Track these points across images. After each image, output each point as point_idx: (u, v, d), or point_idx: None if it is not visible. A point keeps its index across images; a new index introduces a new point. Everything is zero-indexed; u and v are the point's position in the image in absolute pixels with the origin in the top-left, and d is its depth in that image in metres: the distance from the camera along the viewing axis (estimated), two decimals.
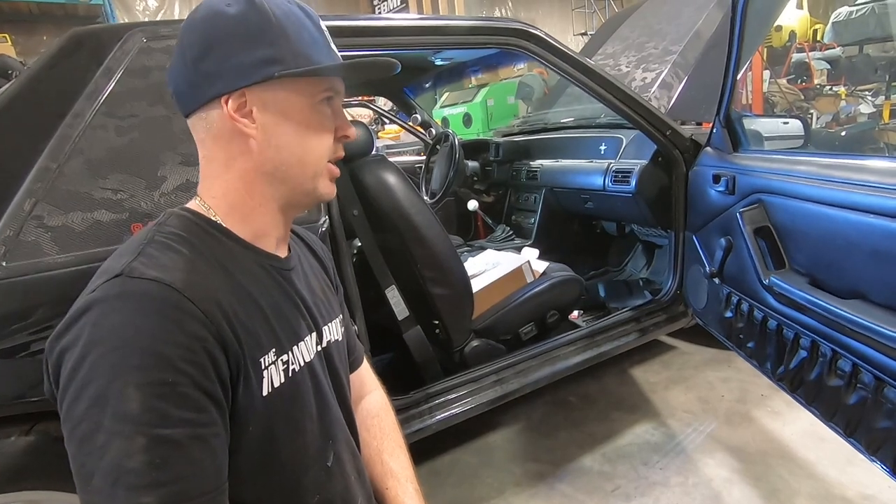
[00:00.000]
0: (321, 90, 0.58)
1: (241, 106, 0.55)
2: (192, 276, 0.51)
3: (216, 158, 0.58)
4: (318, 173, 0.61)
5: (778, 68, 6.89)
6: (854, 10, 7.24)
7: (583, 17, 9.38)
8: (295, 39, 0.56)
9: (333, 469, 0.66)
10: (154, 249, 0.52)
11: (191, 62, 0.55)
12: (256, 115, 0.56)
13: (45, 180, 0.91)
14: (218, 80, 0.54)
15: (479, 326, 1.58)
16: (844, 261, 0.99)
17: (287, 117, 0.57)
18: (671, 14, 2.58)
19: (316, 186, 0.61)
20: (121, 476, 0.44)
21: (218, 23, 0.54)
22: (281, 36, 0.55)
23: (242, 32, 0.54)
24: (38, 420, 0.90)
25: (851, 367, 0.99)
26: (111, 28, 1.07)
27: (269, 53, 0.54)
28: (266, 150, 0.57)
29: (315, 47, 0.58)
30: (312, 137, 0.59)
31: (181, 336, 0.47)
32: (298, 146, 0.58)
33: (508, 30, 1.41)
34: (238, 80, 0.54)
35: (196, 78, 0.55)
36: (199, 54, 0.54)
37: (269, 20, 0.55)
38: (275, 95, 0.56)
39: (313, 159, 0.60)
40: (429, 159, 2.55)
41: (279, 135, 0.57)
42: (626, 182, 1.80)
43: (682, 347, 2.16)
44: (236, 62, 0.54)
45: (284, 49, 0.55)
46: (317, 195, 0.62)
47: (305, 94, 0.57)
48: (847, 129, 5.27)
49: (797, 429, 1.59)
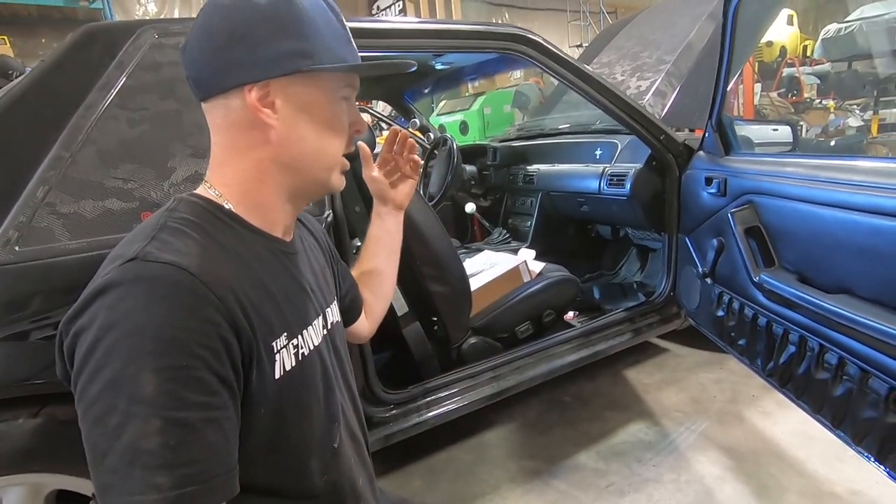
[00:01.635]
0: (342, 86, 0.60)
1: (265, 96, 0.56)
2: (205, 261, 0.51)
3: (232, 146, 0.58)
4: (332, 166, 0.62)
5: (769, 82, 7.02)
6: (843, 28, 7.42)
7: (578, 29, 9.55)
8: (324, 33, 0.57)
9: (340, 450, 0.68)
10: (167, 234, 0.52)
11: (217, 49, 0.55)
12: (279, 107, 0.56)
13: (58, 168, 0.93)
14: (245, 68, 0.54)
15: (477, 324, 1.60)
16: (831, 257, 1.03)
17: (308, 111, 0.58)
18: (664, 25, 2.65)
19: (329, 178, 0.63)
20: (136, 456, 0.44)
21: (247, 11, 0.54)
22: (312, 29, 0.56)
23: (273, 23, 0.54)
24: (45, 402, 0.91)
25: (838, 360, 1.02)
26: (124, 24, 1.10)
27: (300, 46, 0.55)
28: (285, 141, 0.58)
29: (340, 42, 0.59)
30: (330, 132, 0.60)
31: (195, 321, 0.48)
32: (317, 139, 0.59)
33: (510, 35, 1.45)
34: (266, 71, 0.55)
35: (221, 64, 0.55)
36: (227, 41, 0.54)
37: (301, 12, 0.55)
38: (299, 88, 0.57)
39: (330, 152, 0.61)
40: (427, 163, 2.59)
41: (299, 127, 0.58)
42: (622, 185, 1.85)
43: (674, 350, 2.19)
44: (265, 53, 0.54)
45: (315, 43, 0.56)
46: (329, 186, 0.64)
47: (327, 88, 0.58)
48: (836, 140, 5.38)
49: (787, 428, 1.62)
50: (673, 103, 2.17)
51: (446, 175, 2.36)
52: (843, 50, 7.38)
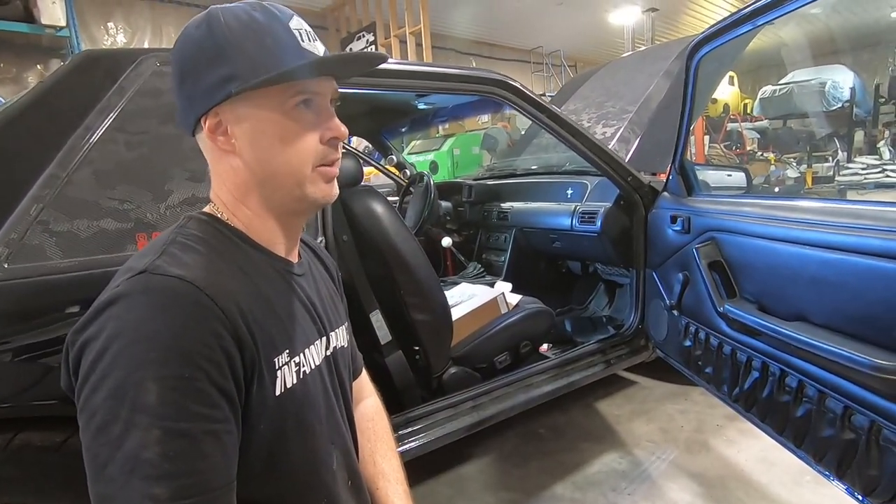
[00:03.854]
0: (291, 95, 0.57)
1: (218, 125, 0.57)
2: (212, 275, 0.52)
3: (215, 173, 0.62)
4: (302, 177, 0.59)
5: (716, 135, 7.61)
6: (777, 89, 8.20)
7: (542, 79, 10.09)
8: (252, 51, 0.55)
9: (338, 473, 0.68)
10: (177, 249, 0.54)
11: (176, 87, 0.58)
12: (232, 132, 0.57)
13: (53, 187, 0.93)
14: (194, 102, 0.57)
15: (457, 354, 1.63)
16: (787, 288, 1.14)
17: (261, 129, 0.57)
18: (626, 79, 2.89)
19: (305, 192, 0.60)
20: (136, 466, 0.44)
21: (186, 47, 0.57)
22: (237, 51, 0.55)
23: (204, 53, 0.56)
24: (21, 428, 0.87)
25: (797, 383, 1.11)
26: (126, 51, 1.13)
27: (227, 71, 0.55)
28: (249, 163, 0.58)
29: (279, 52, 0.56)
30: (291, 144, 0.58)
31: (200, 332, 0.49)
32: (278, 154, 0.58)
33: (490, 80, 1.56)
34: (206, 102, 0.56)
35: (181, 101, 0.58)
36: (178, 79, 0.58)
37: (225, 37, 0.55)
38: (244, 110, 0.57)
39: (295, 166, 0.59)
40: (402, 199, 2.65)
41: (257, 147, 0.58)
42: (592, 222, 1.96)
43: (642, 382, 2.27)
44: (203, 84, 0.56)
45: (240, 64, 0.55)
46: (311, 200, 0.61)
47: (273, 102, 0.57)
48: (778, 188, 5.84)
49: (750, 455, 1.70)
50: (636, 149, 2.34)
51: (422, 210, 2.43)
52: (778, 109, 8.14)
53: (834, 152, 7.51)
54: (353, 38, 6.55)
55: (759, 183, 6.27)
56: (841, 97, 7.57)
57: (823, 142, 7.75)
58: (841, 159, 7.20)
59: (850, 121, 7.46)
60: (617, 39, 9.55)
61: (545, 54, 10.09)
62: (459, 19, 8.21)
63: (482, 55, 9.74)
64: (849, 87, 7.55)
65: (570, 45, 10.16)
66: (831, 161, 7.36)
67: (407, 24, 5.92)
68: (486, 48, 9.92)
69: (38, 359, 0.87)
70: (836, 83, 7.64)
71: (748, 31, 1.19)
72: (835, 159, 7.33)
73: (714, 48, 1.31)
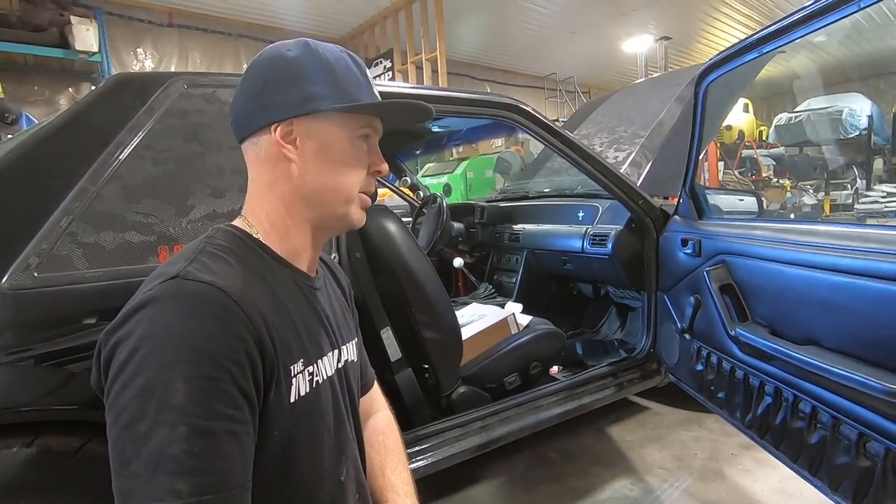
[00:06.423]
0: (359, 126, 0.66)
1: (288, 134, 0.63)
2: (238, 283, 0.56)
3: (261, 180, 0.65)
4: (349, 200, 0.67)
5: (730, 161, 7.58)
6: (792, 117, 8.18)
7: (555, 105, 10.20)
8: (342, 80, 0.64)
9: (346, 484, 0.69)
10: (206, 258, 0.58)
11: (251, 95, 0.64)
12: (300, 143, 0.63)
13: (83, 200, 0.97)
14: (272, 110, 0.62)
15: (467, 374, 1.63)
16: (798, 311, 1.13)
17: (326, 147, 0.64)
18: (638, 104, 2.92)
19: (348, 212, 0.67)
20: (161, 462, 0.46)
21: (278, 63, 0.63)
22: (330, 76, 0.63)
23: (297, 72, 0.63)
24: (40, 433, 0.89)
25: (811, 409, 1.09)
26: (156, 74, 1.19)
27: (318, 90, 0.62)
28: (305, 174, 0.64)
29: (359, 89, 0.66)
30: (347, 167, 0.65)
31: (227, 336, 0.52)
32: (334, 174, 0.65)
33: (504, 104, 1.60)
34: (288, 111, 0.62)
35: (254, 108, 0.63)
36: (259, 88, 0.63)
37: (321, 62, 0.63)
38: (318, 126, 0.63)
39: (346, 187, 0.66)
40: (415, 220, 2.69)
41: (317, 162, 0.64)
42: (604, 245, 1.96)
43: (655, 408, 2.23)
44: (289, 96, 0.62)
45: (331, 87, 0.63)
46: (348, 220, 0.68)
47: (345, 128, 0.65)
48: (795, 215, 5.77)
49: (767, 486, 1.66)
50: (648, 173, 2.36)
51: (435, 231, 2.46)
52: (793, 136, 8.11)
53: (853, 180, 7.43)
54: (371, 64, 6.73)
55: (775, 209, 6.21)
56: (858, 125, 7.53)
57: (841, 169, 7.68)
58: (860, 187, 7.12)
59: (868, 148, 7.40)
60: (630, 67, 9.66)
61: (559, 81, 10.22)
62: (475, 46, 8.39)
63: (497, 81, 9.90)
64: (866, 115, 7.51)
65: (583, 72, 10.29)
66: (850, 189, 7.28)
67: (423, 50, 6.07)
68: (501, 74, 10.09)
69: (60, 365, 0.90)
70: (854, 111, 7.61)
71: (755, 59, 1.22)
72: (853, 187, 7.25)
73: (721, 75, 1.34)
